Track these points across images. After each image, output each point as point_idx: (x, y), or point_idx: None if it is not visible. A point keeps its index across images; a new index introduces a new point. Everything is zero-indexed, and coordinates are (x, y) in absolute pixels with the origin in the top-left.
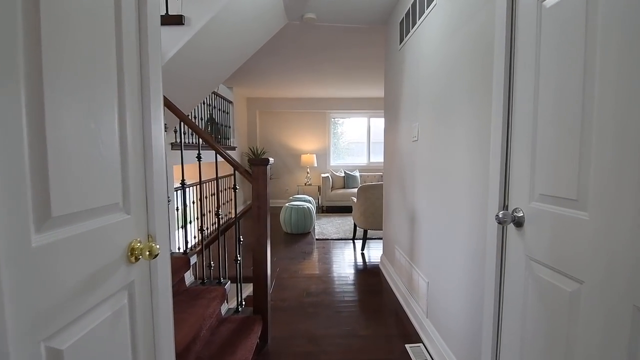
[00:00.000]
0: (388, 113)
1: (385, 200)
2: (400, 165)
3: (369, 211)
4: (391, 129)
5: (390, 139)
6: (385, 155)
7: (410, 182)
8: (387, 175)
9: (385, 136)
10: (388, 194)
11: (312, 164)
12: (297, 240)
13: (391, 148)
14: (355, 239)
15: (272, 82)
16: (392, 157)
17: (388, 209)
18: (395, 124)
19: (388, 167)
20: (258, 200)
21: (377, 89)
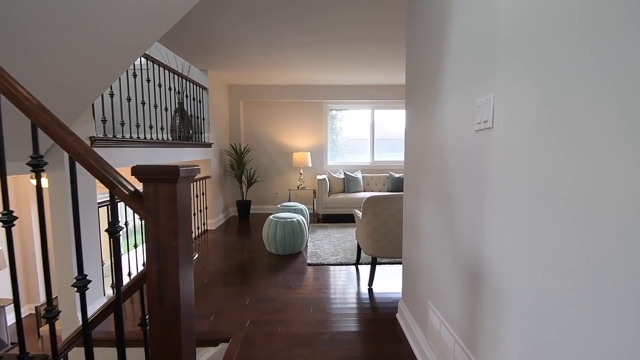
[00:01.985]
0: (414, 93)
1: (408, 220)
2: (442, 170)
3: (379, 233)
4: (420, 115)
5: (416, 131)
6: (407, 154)
7: (468, 201)
8: (410, 183)
9: (408, 128)
10: (413, 212)
11: (306, 164)
12: (283, 265)
13: (418, 144)
14: (359, 264)
15: (258, 65)
16: (422, 158)
17: (414, 235)
18: (429, 106)
19: (413, 172)
20: (160, 264)
21: (384, 72)
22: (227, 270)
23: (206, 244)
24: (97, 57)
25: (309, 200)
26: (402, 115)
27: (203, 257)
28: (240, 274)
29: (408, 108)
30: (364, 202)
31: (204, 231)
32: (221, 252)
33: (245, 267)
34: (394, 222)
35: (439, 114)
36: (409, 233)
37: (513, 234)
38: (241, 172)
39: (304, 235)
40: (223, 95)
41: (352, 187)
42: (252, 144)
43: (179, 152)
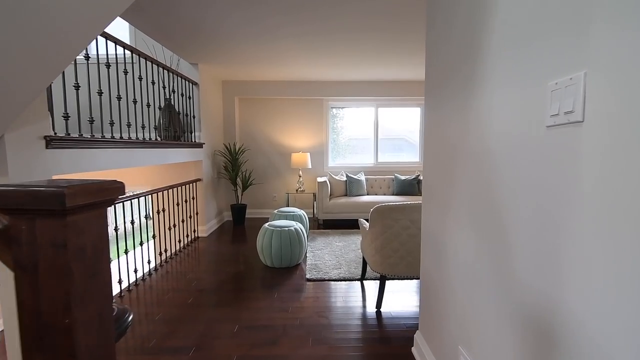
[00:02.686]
0: (437, 86)
1: (429, 237)
2: (483, 183)
3: (389, 248)
4: (447, 112)
5: (442, 132)
6: (428, 158)
7: (533, 232)
8: (433, 193)
9: (428, 128)
10: (437, 229)
11: (306, 165)
12: (279, 280)
13: (445, 147)
14: (364, 279)
15: (253, 58)
16: (452, 165)
17: (437, 257)
18: (462, 98)
19: (436, 180)
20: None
21: (390, 67)
22: (216, 286)
23: (195, 254)
24: (31, 41)
25: (309, 204)
26: (409, 113)
27: (190, 271)
28: (230, 292)
29: (429, 103)
30: (371, 211)
31: (195, 239)
32: (211, 263)
33: (237, 283)
34: (407, 235)
35: (477, 109)
36: (430, 252)
37: (621, 287)
38: (236, 174)
39: (303, 246)
40: (216, 91)
41: (355, 190)
42: (248, 144)
43: (164, 153)
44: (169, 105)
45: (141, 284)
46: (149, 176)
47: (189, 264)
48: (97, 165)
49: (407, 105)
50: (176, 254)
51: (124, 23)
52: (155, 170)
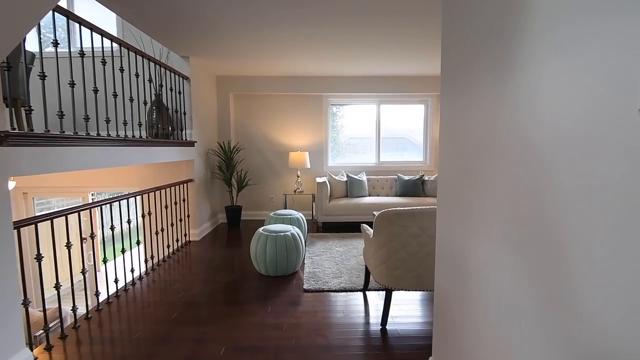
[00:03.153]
0: (460, 68)
1: (446, 250)
2: (531, 185)
3: (396, 258)
4: (472, 96)
5: (465, 121)
6: (445, 155)
7: (622, 255)
8: (451, 197)
9: (444, 120)
10: (457, 241)
11: (304, 165)
12: (274, 291)
13: (470, 140)
14: (367, 289)
15: (248, 51)
16: (480, 162)
17: (459, 276)
18: (498, 76)
19: (456, 181)
20: None
21: (393, 61)
22: (204, 298)
23: (185, 261)
24: None
25: (307, 206)
26: (411, 111)
27: (178, 280)
28: (219, 306)
29: (447, 92)
30: (376, 218)
31: (186, 243)
32: (201, 271)
33: (227, 294)
34: (417, 244)
35: (518, 91)
36: (447, 267)
37: None
38: (230, 175)
39: (300, 253)
40: (210, 87)
41: (356, 192)
42: (244, 142)
43: (150, 152)
44: (158, 100)
45: (123, 295)
46: (137, 177)
47: (177, 271)
48: (68, 165)
49: (411, 102)
50: (164, 260)
51: (111, 14)
52: (144, 170)
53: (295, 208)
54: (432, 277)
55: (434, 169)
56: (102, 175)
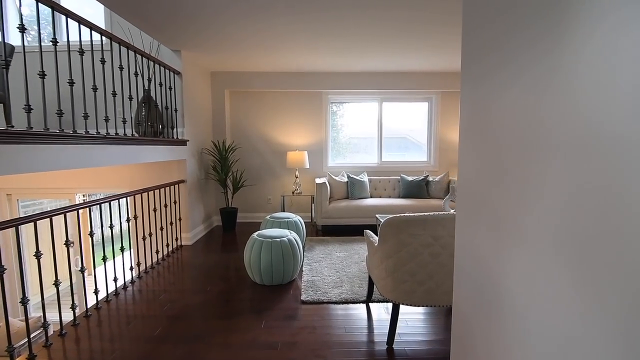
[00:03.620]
0: (490, 44)
1: (467, 262)
2: (614, 192)
3: (405, 270)
4: (510, 76)
5: (496, 110)
6: (465, 153)
7: None
8: (475, 201)
9: (466, 109)
10: (486, 254)
11: (303, 165)
12: (269, 302)
13: (499, 132)
14: (371, 301)
15: (244, 45)
16: (514, 158)
17: (482, 296)
18: (541, 51)
19: (483, 182)
20: None
21: (396, 56)
22: (192, 311)
23: (175, 268)
24: None
25: (306, 208)
26: (413, 110)
27: (165, 290)
28: (208, 320)
29: (470, 75)
30: (382, 225)
31: (177, 248)
32: (190, 279)
33: (218, 306)
34: (428, 255)
35: (582, 61)
36: (468, 286)
37: None
38: (225, 175)
39: (298, 260)
40: (204, 83)
41: (358, 193)
42: (239, 141)
43: (137, 151)
44: (148, 96)
45: (104, 306)
46: (129, 178)
47: (165, 280)
48: (36, 165)
49: (414, 100)
50: (153, 267)
51: (99, 5)
52: (136, 171)
53: (293, 210)
54: (445, 291)
55: (438, 169)
56: (90, 176)
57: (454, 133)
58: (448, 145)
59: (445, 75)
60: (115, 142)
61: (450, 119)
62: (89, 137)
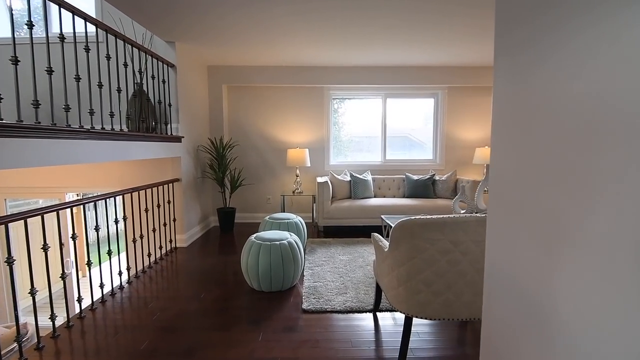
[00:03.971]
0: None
1: (501, 272)
2: None
3: (419, 279)
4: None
5: (558, 84)
6: (500, 141)
7: None
8: (514, 203)
9: (501, 85)
10: (534, 271)
11: (304, 163)
12: (267, 312)
13: (554, 112)
14: (378, 310)
15: (242, 37)
16: (579, 147)
17: (526, 320)
18: None
19: (527, 178)
20: None
21: (402, 49)
22: (184, 322)
23: (167, 272)
24: None
25: (307, 208)
26: (414, 108)
27: (155, 297)
28: (201, 332)
29: (506, 42)
30: (394, 228)
31: (172, 250)
32: (184, 285)
33: (212, 316)
34: (446, 262)
35: None
36: (505, 304)
37: None
38: (223, 174)
39: (299, 264)
40: (200, 77)
41: (361, 192)
42: (238, 138)
43: (127, 147)
44: (140, 90)
45: (89, 315)
46: (118, 176)
47: (156, 285)
48: (15, 161)
49: (419, 96)
50: (144, 271)
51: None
52: (126, 169)
53: (293, 210)
54: (465, 303)
55: (444, 168)
56: (81, 175)
57: (461, 130)
58: (455, 143)
59: (453, 69)
60: (103, 137)
61: (457, 115)
62: (72, 132)
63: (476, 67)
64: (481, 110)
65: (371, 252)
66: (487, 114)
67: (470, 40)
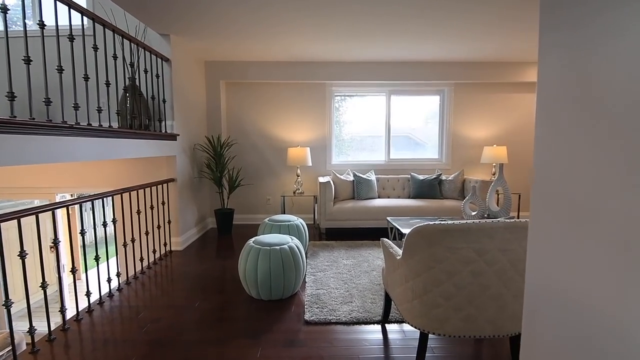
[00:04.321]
0: None
1: (554, 293)
2: None
3: (438, 292)
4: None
5: None
6: (551, 135)
7: None
8: (575, 207)
9: (549, 64)
10: (605, 299)
11: (305, 163)
12: (266, 323)
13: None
14: (387, 321)
15: (241, 30)
16: None
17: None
18: None
19: (599, 179)
20: None
21: (407, 43)
22: (176, 334)
23: (161, 278)
24: None
25: (309, 209)
26: (414, 107)
27: (147, 305)
28: (194, 346)
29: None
30: (410, 234)
31: (166, 254)
32: (178, 293)
33: (207, 327)
34: (469, 274)
35: None
36: (556, 329)
37: None
38: (220, 173)
39: (300, 271)
40: (197, 73)
41: (365, 193)
42: (236, 136)
43: (118, 145)
44: (133, 85)
45: (73, 327)
46: (110, 176)
47: (148, 293)
48: None
49: (425, 93)
50: (136, 277)
51: None
52: (118, 168)
53: (294, 211)
54: (489, 319)
55: (450, 167)
56: (74, 174)
57: (468, 128)
58: (462, 142)
59: (461, 65)
60: (88, 134)
61: (464, 112)
62: (52, 127)
63: (485, 63)
64: (489, 107)
65: (377, 256)
66: (495, 111)
67: (482, 33)
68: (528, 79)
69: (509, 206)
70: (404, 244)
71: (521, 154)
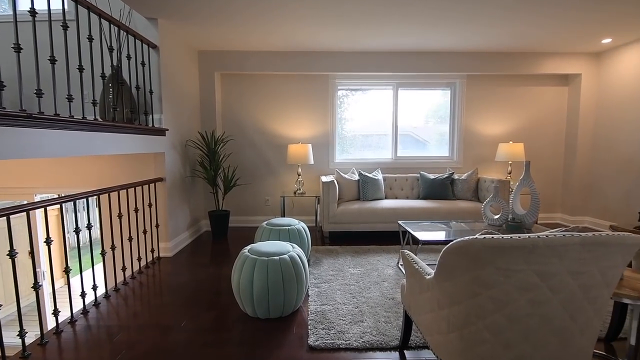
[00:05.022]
0: None
1: None
2: None
3: (484, 325)
4: None
5: None
6: None
7: None
8: None
9: None
10: None
11: (306, 161)
12: (262, 348)
13: None
14: (407, 348)
15: (235, 12)
16: None
17: None
18: None
19: None
20: None
21: (419, 31)
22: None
23: (145, 290)
24: None
25: (310, 211)
26: (415, 106)
27: (124, 326)
28: None
29: None
30: (448, 250)
31: (153, 261)
32: (162, 309)
33: (192, 354)
34: (527, 303)
35: None
36: None
37: None
38: (215, 172)
39: (303, 284)
40: (189, 63)
41: (371, 193)
42: (232, 132)
43: (89, 139)
44: (118, 74)
45: (37, 352)
46: (101, 175)
47: (128, 309)
48: None
49: (435, 86)
50: (117, 289)
51: None
52: (102, 167)
53: (295, 213)
54: (549, 358)
55: (462, 166)
56: (51, 173)
57: (482, 124)
58: (476, 138)
59: (474, 55)
60: (56, 126)
61: (477, 107)
62: (7, 116)
63: (499, 53)
64: (504, 101)
65: (386, 263)
66: (510, 105)
67: (498, 19)
68: (546, 71)
69: (536, 209)
70: (439, 262)
71: (540, 150)
